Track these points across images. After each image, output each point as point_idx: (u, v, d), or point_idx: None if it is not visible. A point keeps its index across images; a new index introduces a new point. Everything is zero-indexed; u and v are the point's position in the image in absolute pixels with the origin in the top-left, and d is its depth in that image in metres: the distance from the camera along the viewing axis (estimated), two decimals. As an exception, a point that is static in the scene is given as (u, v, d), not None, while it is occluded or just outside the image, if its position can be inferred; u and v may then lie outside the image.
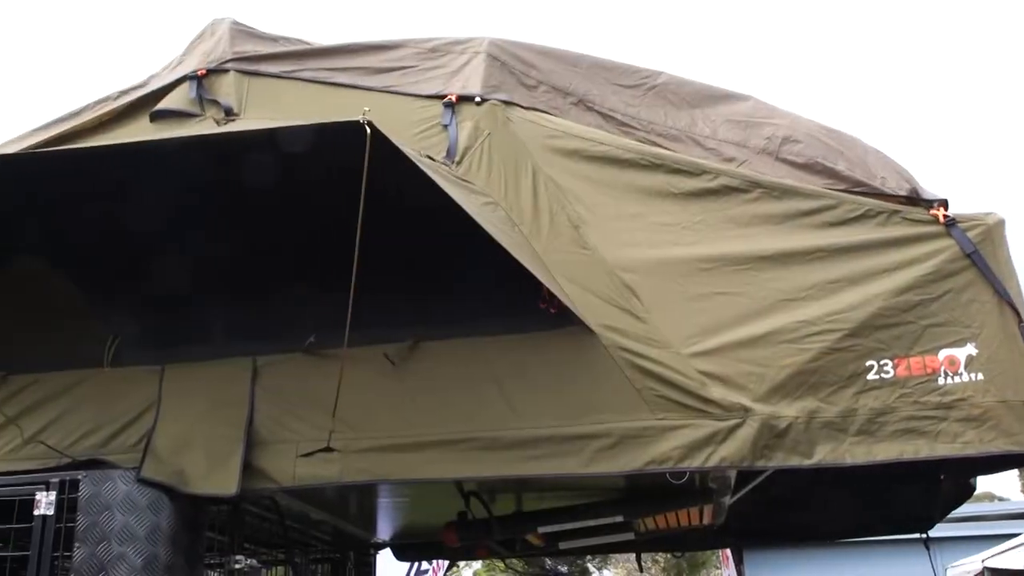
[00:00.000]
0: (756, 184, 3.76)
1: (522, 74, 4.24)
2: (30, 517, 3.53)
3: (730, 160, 3.95)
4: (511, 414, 3.56)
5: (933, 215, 3.63)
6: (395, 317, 3.80)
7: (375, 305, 3.56)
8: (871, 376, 3.47)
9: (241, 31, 4.70)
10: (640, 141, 4.02)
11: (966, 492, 5.24)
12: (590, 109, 4.16)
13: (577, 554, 12.78)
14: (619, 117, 4.13)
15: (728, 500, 4.64)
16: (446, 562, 11.81)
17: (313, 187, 3.69)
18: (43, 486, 3.55)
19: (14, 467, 3.80)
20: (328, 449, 3.59)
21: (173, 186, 3.83)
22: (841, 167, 3.81)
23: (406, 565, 10.37)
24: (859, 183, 3.77)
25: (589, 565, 27.56)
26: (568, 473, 3.49)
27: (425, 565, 10.92)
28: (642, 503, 4.54)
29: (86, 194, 3.73)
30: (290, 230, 3.87)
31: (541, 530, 4.75)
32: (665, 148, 3.99)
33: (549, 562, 23.06)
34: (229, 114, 4.39)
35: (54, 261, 4.24)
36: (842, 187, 3.77)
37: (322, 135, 3.21)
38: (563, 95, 4.20)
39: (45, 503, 3.53)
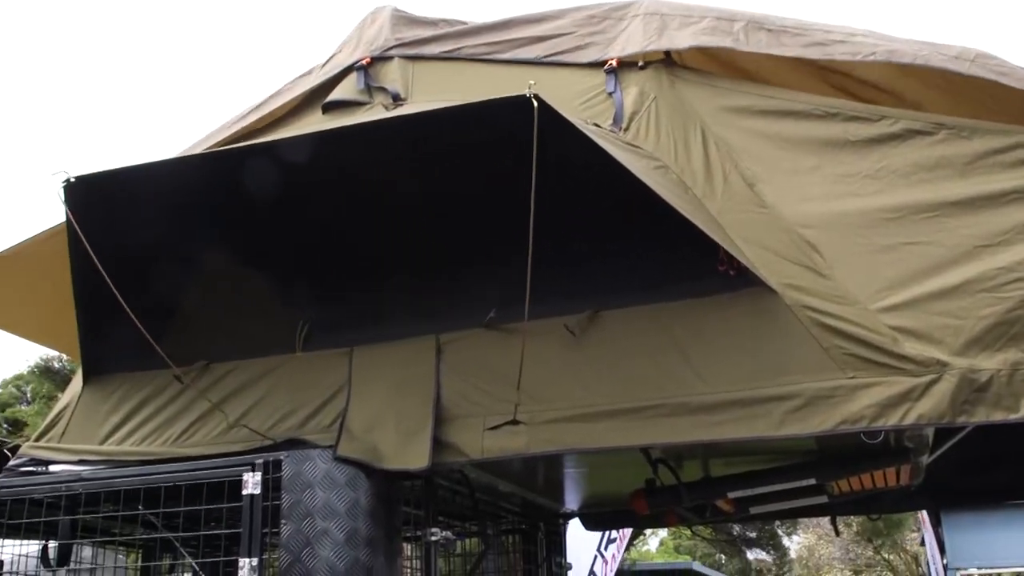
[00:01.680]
0: (941, 125, 3.57)
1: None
2: (239, 497, 3.72)
3: None
4: (696, 379, 3.52)
5: None
6: (573, 288, 3.81)
7: (553, 277, 3.59)
8: None
9: (401, 17, 4.79)
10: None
11: None
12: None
13: (767, 519, 12.58)
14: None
15: (926, 459, 4.46)
16: (630, 530, 11.85)
17: (485, 164, 3.73)
18: (249, 467, 3.73)
19: (222, 450, 4.01)
20: (514, 421, 3.64)
21: (351, 173, 3.96)
22: None
23: (596, 534, 10.44)
24: None
25: (778, 531, 27.10)
26: (758, 436, 3.42)
27: (615, 534, 10.96)
28: (835, 465, 4.41)
29: (274, 186, 3.89)
30: (464, 209, 3.92)
31: (731, 495, 4.69)
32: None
33: (737, 528, 22.81)
34: (397, 100, 4.50)
35: (245, 254, 4.45)
36: None
37: (489, 112, 3.24)
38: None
39: (252, 483, 3.71)
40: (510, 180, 3.24)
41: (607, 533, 10.74)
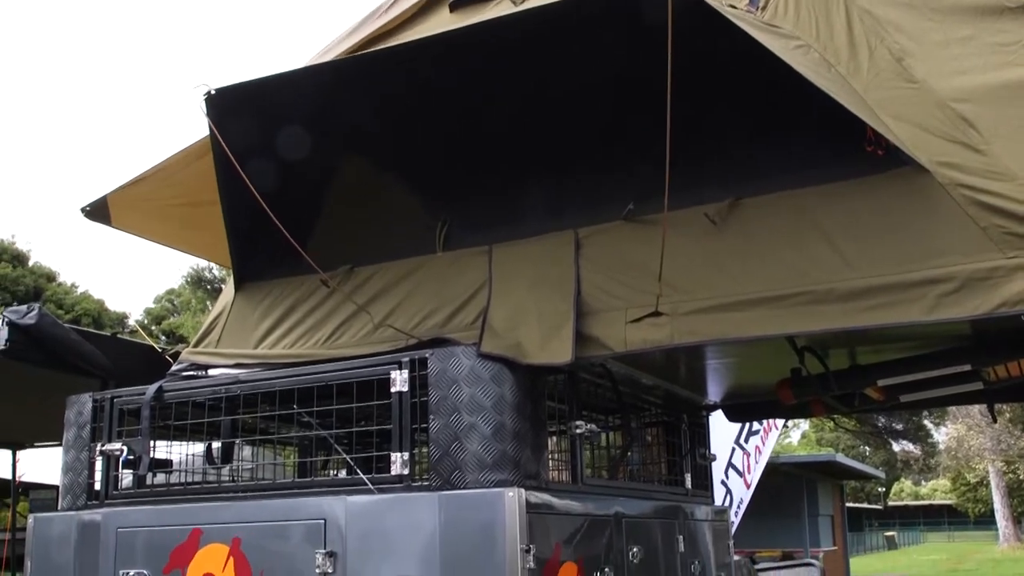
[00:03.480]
0: None
1: None
2: (388, 394, 3.82)
3: None
4: (843, 265, 3.42)
5: None
6: (712, 176, 3.74)
7: (691, 166, 3.53)
8: None
9: None
10: None
11: None
12: None
13: (918, 408, 12.28)
14: None
15: (1090, 341, 4.25)
16: (777, 422, 11.74)
17: (619, 55, 3.65)
18: (396, 365, 3.83)
19: (368, 350, 4.12)
20: (656, 313, 3.62)
21: (485, 72, 3.94)
22: None
23: (734, 427, 10.40)
24: None
25: (926, 421, 26.52)
26: (910, 321, 3.31)
27: (756, 425, 10.89)
28: (992, 350, 4.26)
29: (411, 88, 3.90)
30: (600, 102, 3.86)
31: (881, 383, 4.59)
32: None
33: (882, 419, 22.42)
34: None
35: (384, 157, 4.50)
36: None
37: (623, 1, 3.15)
38: None
39: (400, 381, 3.80)
40: (646, 70, 3.16)
41: (748, 425, 10.68)
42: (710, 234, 3.68)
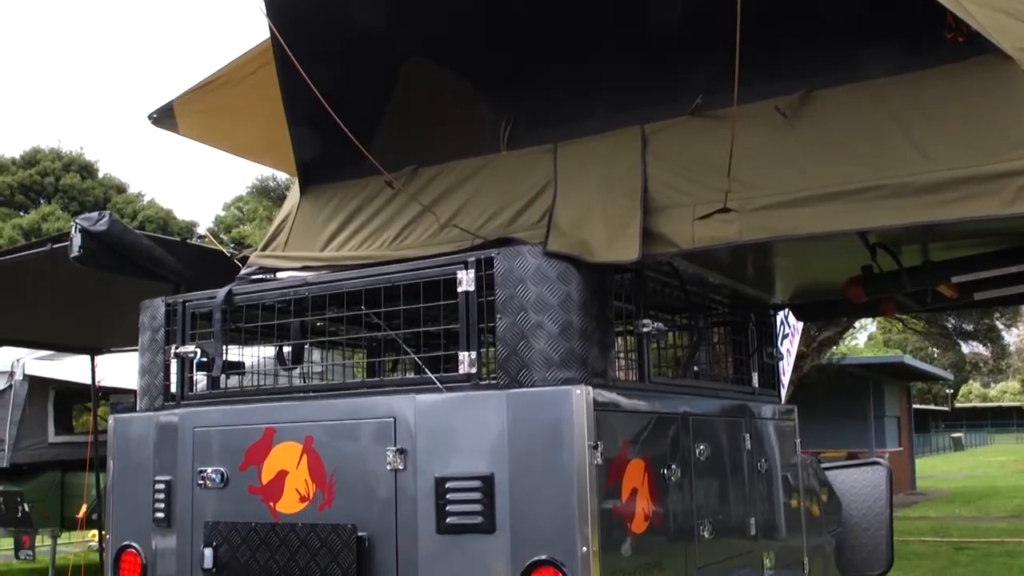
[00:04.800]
0: None
1: None
2: (455, 294, 3.84)
3: None
4: (919, 157, 3.31)
5: None
6: (783, 69, 3.63)
7: (761, 58, 3.42)
8: None
9: None
10: None
11: None
12: None
13: (992, 306, 12.05)
14: None
15: None
16: (800, 324, 11.64)
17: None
18: (462, 265, 3.82)
19: (435, 251, 4.13)
20: (725, 209, 3.56)
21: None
22: None
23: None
24: None
25: (997, 322, 26.05)
26: (988, 215, 3.20)
27: (787, 328, 10.80)
28: (1072, 245, 4.14)
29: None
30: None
31: (955, 279, 4.49)
32: None
33: (952, 320, 22.09)
34: None
35: (447, 55, 4.44)
36: None
37: None
38: None
39: (466, 280, 3.80)
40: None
41: (781, 327, 10.63)
42: (781, 128, 3.58)
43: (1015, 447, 70.39)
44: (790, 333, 11.21)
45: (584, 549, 3.39)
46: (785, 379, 10.62)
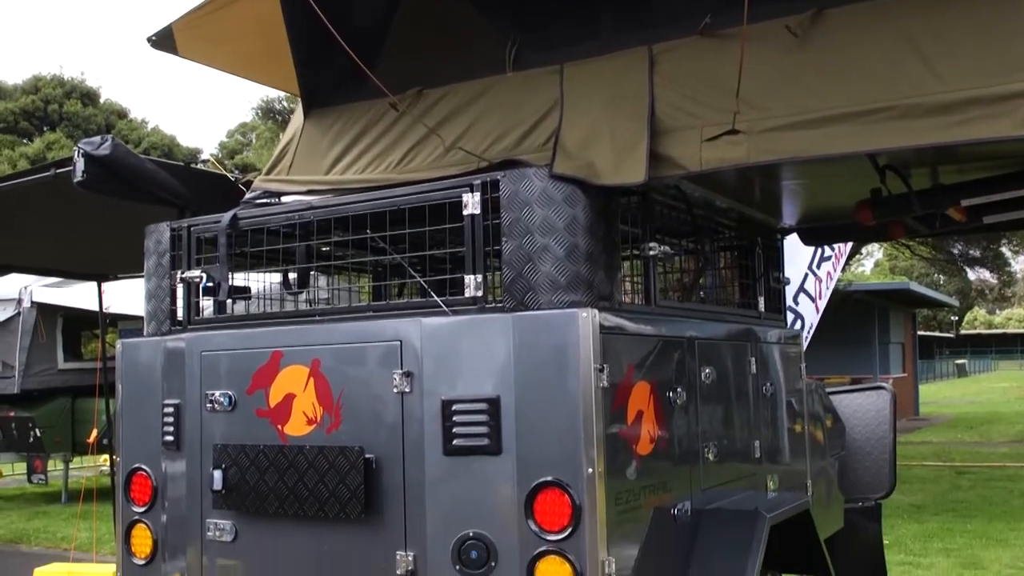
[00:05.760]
0: None
1: None
2: (460, 218, 3.81)
3: None
4: (931, 77, 3.26)
5: None
6: (794, -14, 3.55)
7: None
8: None
9: None
10: None
11: None
12: None
13: (1001, 230, 11.99)
14: None
15: None
16: (847, 248, 11.56)
17: None
18: (468, 188, 3.79)
19: (440, 174, 4.09)
20: (733, 131, 3.51)
21: None
22: None
23: (807, 253, 10.29)
24: None
25: (1004, 249, 25.98)
26: (1001, 136, 3.16)
27: (828, 251, 10.75)
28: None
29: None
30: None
31: (965, 203, 4.45)
32: None
33: (959, 247, 22.03)
34: None
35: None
36: None
37: None
38: None
39: (472, 203, 3.78)
40: None
41: (819, 251, 10.55)
42: (791, 48, 3.52)
43: (1019, 373, 70.74)
44: (832, 256, 11.10)
45: (590, 471, 3.42)
46: (821, 303, 10.57)
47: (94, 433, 12.25)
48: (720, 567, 3.94)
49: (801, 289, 10.49)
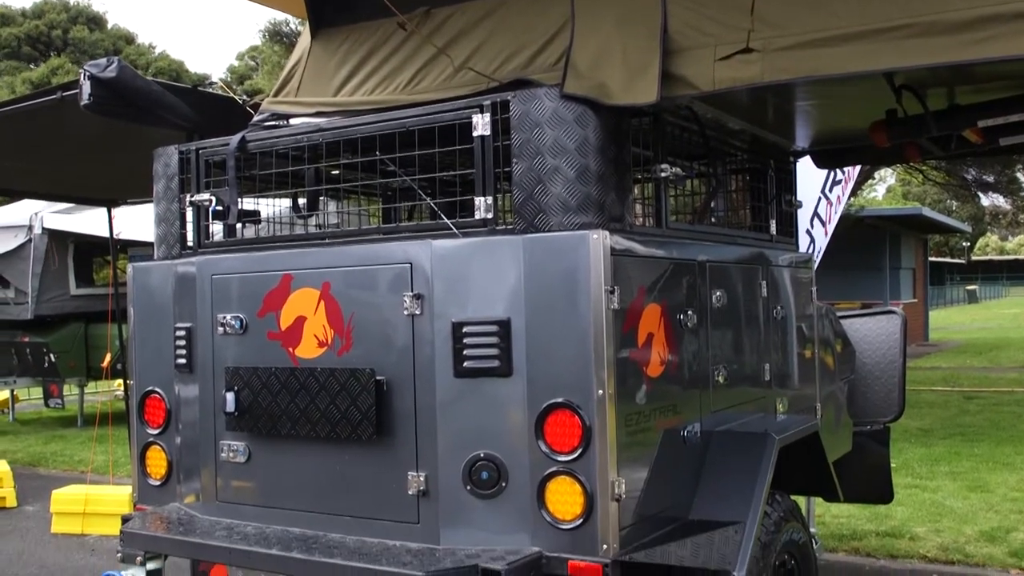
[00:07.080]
0: None
1: None
2: (470, 139, 3.78)
3: None
4: None
5: None
6: None
7: None
8: None
9: None
10: None
11: None
12: None
13: (1018, 152, 11.86)
14: None
15: None
16: (855, 171, 11.43)
17: None
18: (477, 109, 3.75)
19: (449, 94, 4.04)
20: (747, 50, 3.44)
21: None
22: None
23: (819, 177, 10.19)
24: None
25: (1018, 174, 25.74)
26: (1020, 54, 3.10)
27: (839, 175, 10.64)
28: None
29: None
30: None
31: (981, 124, 4.39)
32: None
33: (973, 172, 21.82)
34: None
35: None
36: None
37: None
38: None
39: (481, 124, 3.74)
40: None
41: (832, 174, 10.43)
42: None
43: (1029, 299, 70.61)
44: (843, 180, 10.98)
45: (600, 392, 3.43)
46: (830, 227, 10.49)
47: (108, 358, 12.36)
48: (729, 488, 3.97)
49: (815, 214, 10.42)
